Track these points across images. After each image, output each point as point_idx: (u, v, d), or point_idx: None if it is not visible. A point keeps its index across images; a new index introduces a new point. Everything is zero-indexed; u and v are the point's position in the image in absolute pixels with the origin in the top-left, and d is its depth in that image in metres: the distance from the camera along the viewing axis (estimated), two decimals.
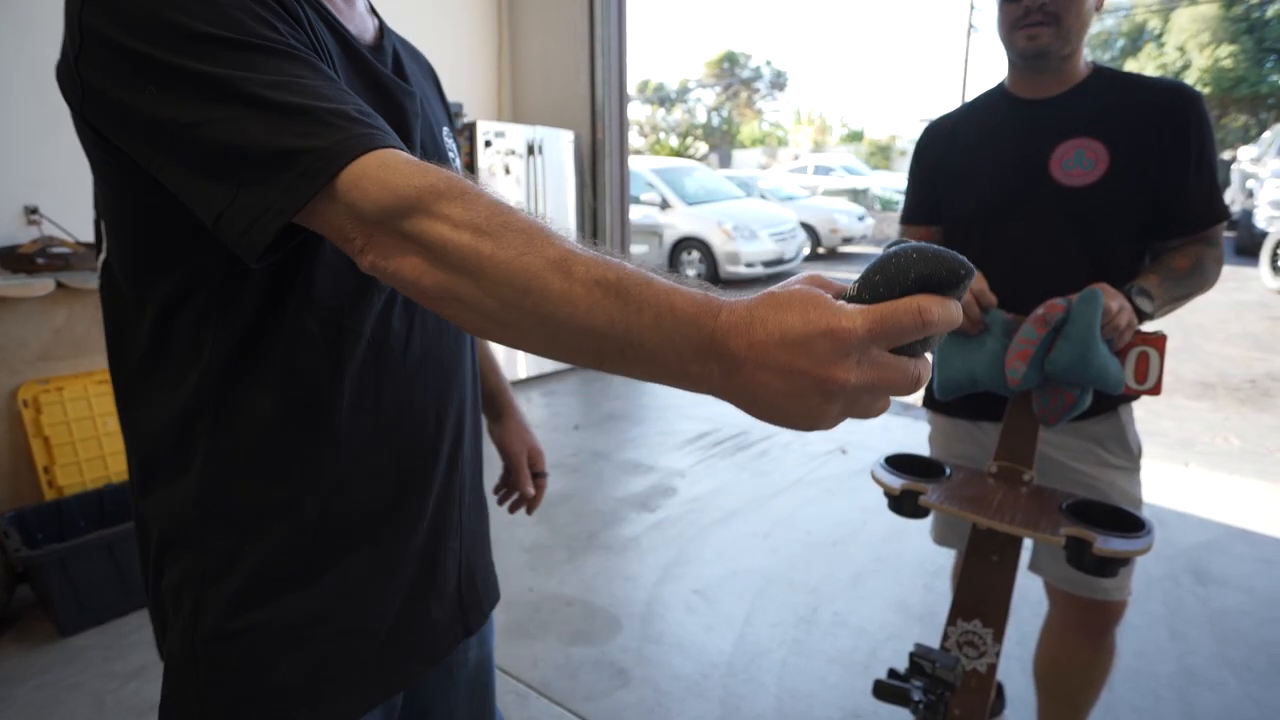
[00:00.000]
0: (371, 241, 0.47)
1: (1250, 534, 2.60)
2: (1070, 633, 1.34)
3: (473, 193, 0.46)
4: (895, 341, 0.38)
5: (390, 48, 0.71)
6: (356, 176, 0.46)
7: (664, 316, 0.40)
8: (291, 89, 0.48)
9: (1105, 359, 1.05)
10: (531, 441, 1.00)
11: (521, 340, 0.46)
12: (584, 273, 0.42)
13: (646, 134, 27.96)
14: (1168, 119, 1.15)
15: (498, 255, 0.43)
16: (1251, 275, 7.76)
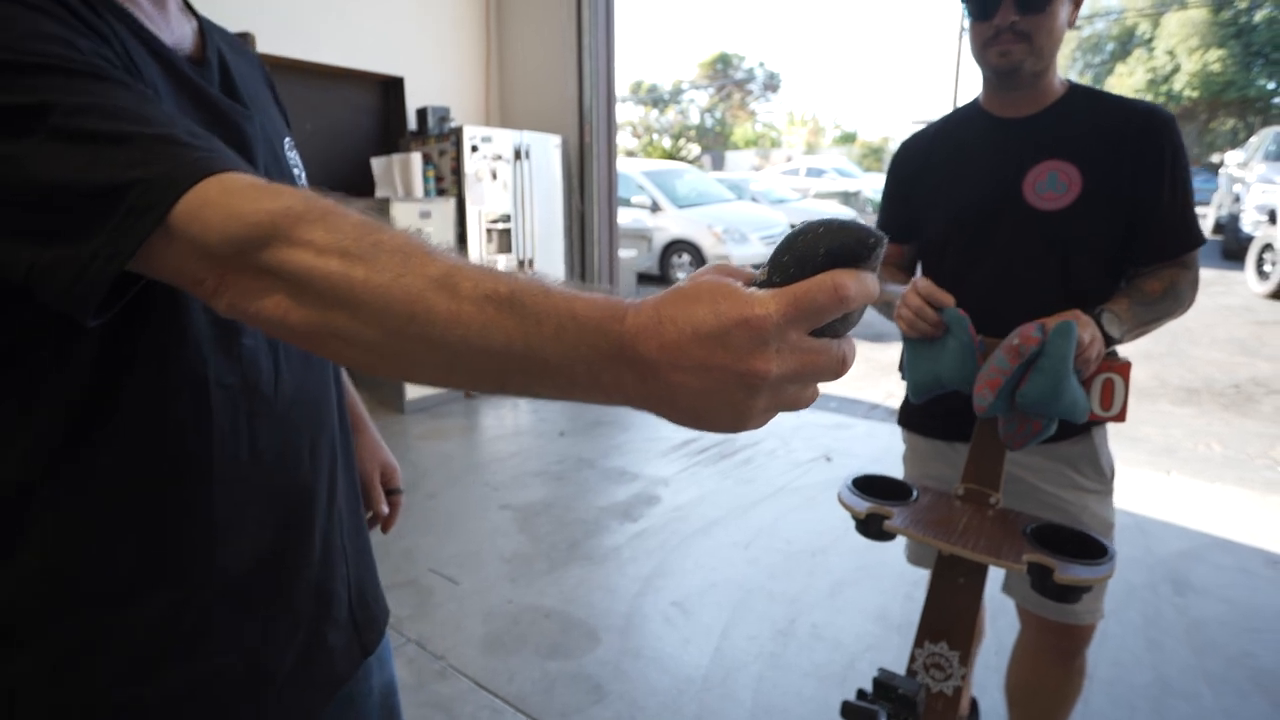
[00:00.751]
0: (225, 281, 0.41)
1: (1230, 543, 2.61)
2: (1041, 655, 1.34)
3: (336, 213, 0.41)
4: (815, 323, 0.35)
5: (215, 57, 0.64)
6: (196, 207, 0.40)
7: (566, 327, 0.37)
8: (105, 114, 0.42)
9: (1075, 391, 1.05)
10: (385, 458, 0.95)
11: (414, 371, 0.41)
12: (472, 289, 0.38)
13: (639, 135, 27.98)
14: (1142, 144, 1.14)
15: (372, 280, 0.39)
16: (1237, 279, 7.81)
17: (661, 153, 17.18)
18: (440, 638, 2.08)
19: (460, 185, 4.31)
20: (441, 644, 2.05)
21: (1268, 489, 3.20)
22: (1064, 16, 1.14)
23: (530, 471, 3.34)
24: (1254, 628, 2.10)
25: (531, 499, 3.03)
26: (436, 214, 4.18)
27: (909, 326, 1.17)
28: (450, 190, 4.36)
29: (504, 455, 3.59)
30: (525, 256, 4.67)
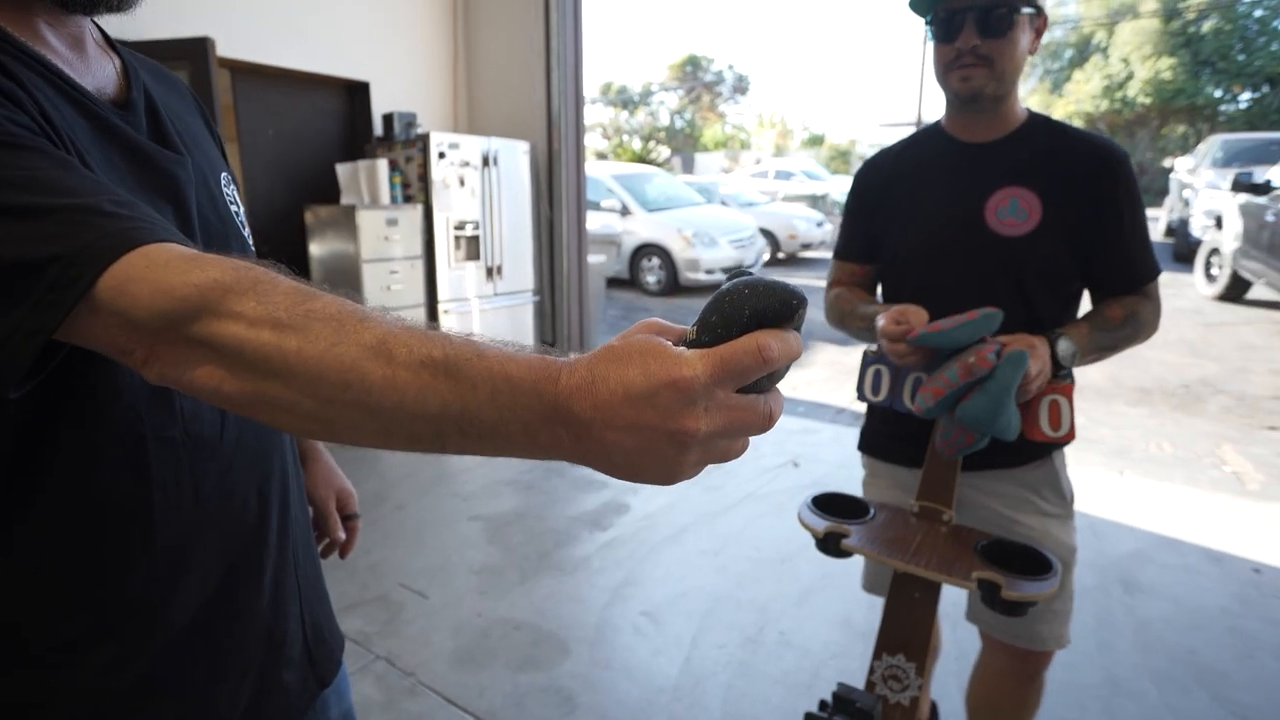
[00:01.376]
0: (155, 352, 0.41)
1: (1177, 542, 2.72)
2: (1003, 676, 1.36)
3: (266, 282, 0.41)
4: (740, 382, 0.37)
5: (141, 98, 0.62)
6: (121, 281, 0.40)
7: (501, 390, 0.38)
8: (21, 185, 0.42)
9: (1011, 414, 1.08)
10: (340, 483, 0.94)
11: (352, 435, 0.41)
12: (407, 355, 0.39)
13: (609, 136, 28.00)
14: (1097, 180, 1.17)
15: (305, 350, 0.39)
16: (1187, 282, 8.09)
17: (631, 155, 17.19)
18: (410, 653, 2.07)
19: (428, 192, 4.28)
20: (411, 660, 2.04)
21: (1213, 487, 3.33)
22: (1025, 43, 1.16)
23: (500, 481, 3.34)
24: (1197, 625, 2.20)
25: (501, 509, 3.03)
26: (403, 221, 4.15)
27: (899, 360, 1.17)
28: (417, 197, 4.33)
29: (473, 465, 3.58)
30: (493, 263, 4.65)
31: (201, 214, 0.62)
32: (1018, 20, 1.13)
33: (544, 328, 5.10)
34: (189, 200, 0.61)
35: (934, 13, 1.17)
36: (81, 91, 0.55)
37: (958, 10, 1.14)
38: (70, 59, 0.57)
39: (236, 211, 0.69)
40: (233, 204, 0.69)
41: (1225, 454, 3.78)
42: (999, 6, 1.12)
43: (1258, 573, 2.49)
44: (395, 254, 4.12)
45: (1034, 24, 1.18)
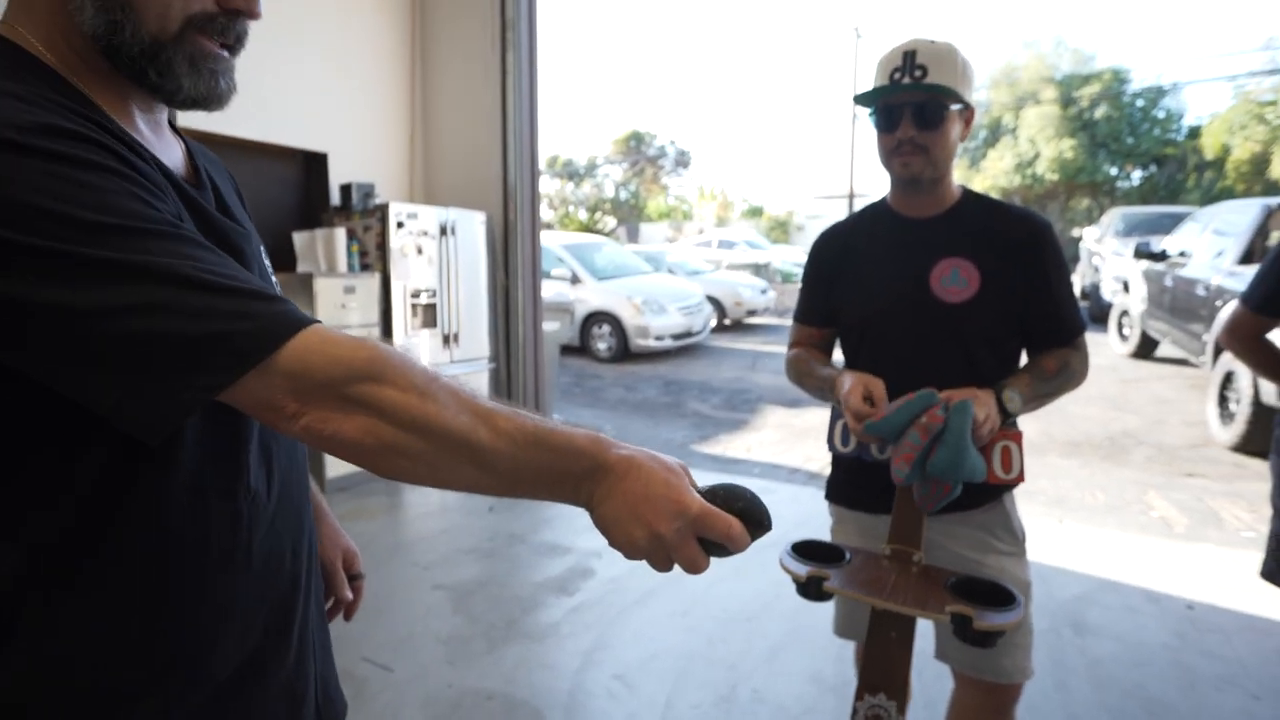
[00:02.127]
0: (307, 408, 0.50)
1: (1118, 584, 2.87)
2: (975, 713, 1.43)
3: (404, 359, 0.53)
4: (705, 534, 0.55)
5: (207, 179, 0.69)
6: (301, 352, 0.50)
7: (567, 456, 0.55)
8: (201, 268, 0.49)
9: (975, 459, 1.19)
10: (346, 543, 0.97)
11: (452, 481, 0.55)
12: (506, 425, 0.54)
13: (556, 207, 28.61)
14: (1026, 247, 1.32)
15: (442, 415, 0.52)
16: (1103, 341, 8.68)
17: (579, 225, 17.64)
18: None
19: (385, 261, 4.32)
20: None
21: (1144, 531, 3.54)
22: (956, 133, 1.32)
23: (461, 549, 3.28)
24: (1142, 661, 2.31)
25: (464, 577, 2.98)
26: (361, 289, 4.16)
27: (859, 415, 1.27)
28: (375, 265, 4.36)
29: (432, 533, 3.51)
30: (450, 331, 4.68)
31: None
32: (948, 114, 1.29)
33: (499, 395, 5.10)
34: (253, 271, 0.66)
35: (876, 106, 1.32)
36: (171, 172, 0.61)
37: (896, 105, 1.29)
38: (153, 141, 0.63)
39: (274, 282, 0.75)
40: (272, 274, 0.76)
41: (1152, 500, 4.03)
42: (931, 102, 1.27)
43: (1191, 609, 2.65)
44: (352, 321, 4.11)
45: (963, 116, 1.34)
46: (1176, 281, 6.34)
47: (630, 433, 5.62)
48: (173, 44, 0.58)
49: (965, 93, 1.30)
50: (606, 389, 7.27)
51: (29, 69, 0.56)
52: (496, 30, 4.80)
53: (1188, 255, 6.40)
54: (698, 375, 7.85)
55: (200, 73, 0.60)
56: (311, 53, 4.34)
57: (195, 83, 0.60)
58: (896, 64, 1.28)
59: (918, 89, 1.26)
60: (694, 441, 5.40)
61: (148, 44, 0.57)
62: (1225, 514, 3.78)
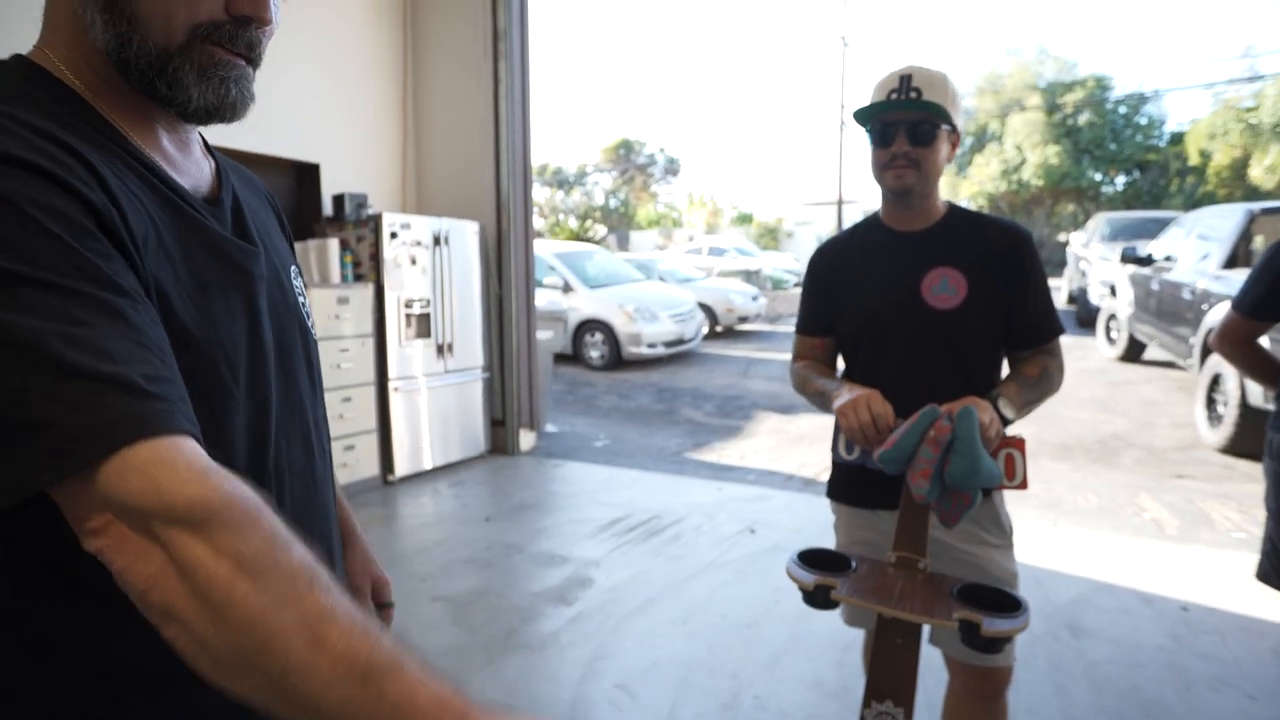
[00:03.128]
0: (110, 530, 0.43)
1: (1112, 586, 2.90)
2: (968, 700, 1.48)
3: (251, 520, 0.44)
4: None
5: (229, 197, 0.68)
6: (121, 468, 0.42)
7: (402, 710, 0.40)
8: (70, 341, 0.43)
9: (989, 463, 1.22)
10: (376, 572, 0.95)
11: (238, 687, 0.42)
12: (335, 643, 0.41)
13: (546, 215, 28.62)
14: (1008, 256, 1.40)
15: (250, 599, 0.41)
16: (1091, 345, 8.77)
17: (569, 233, 17.65)
18: None
19: (379, 271, 4.31)
20: None
21: (1136, 533, 3.58)
22: (944, 152, 1.40)
23: (458, 560, 3.27)
24: (1138, 662, 2.34)
25: (462, 589, 2.97)
26: (354, 299, 4.15)
27: (856, 436, 1.31)
28: (369, 276, 4.35)
29: (429, 544, 3.50)
30: (444, 341, 4.67)
31: (272, 303, 0.67)
32: (939, 133, 1.37)
33: (493, 404, 5.09)
34: (258, 290, 0.65)
35: (872, 123, 1.40)
36: (176, 190, 0.60)
37: (891, 123, 1.37)
38: (177, 160, 0.63)
39: (303, 302, 0.74)
40: (300, 295, 0.74)
41: (1143, 502, 4.07)
42: (925, 122, 1.35)
43: (1185, 610, 2.68)
44: (346, 332, 4.10)
45: (950, 138, 1.42)
46: (1163, 286, 6.42)
47: (624, 440, 5.62)
48: (180, 54, 0.57)
49: (955, 116, 1.38)
50: (600, 397, 7.27)
51: (48, 91, 0.56)
52: (488, 39, 4.82)
53: (1173, 260, 6.49)
54: (690, 382, 7.87)
55: (210, 81, 0.59)
56: (303, 63, 4.34)
57: (205, 93, 0.59)
58: (893, 85, 1.36)
59: (913, 107, 1.34)
60: (688, 449, 5.40)
61: (155, 55, 0.57)
62: (1216, 515, 3.82)
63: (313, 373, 0.74)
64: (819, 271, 1.58)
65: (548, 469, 4.80)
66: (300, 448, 0.69)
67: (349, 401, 4.13)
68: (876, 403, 1.29)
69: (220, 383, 0.58)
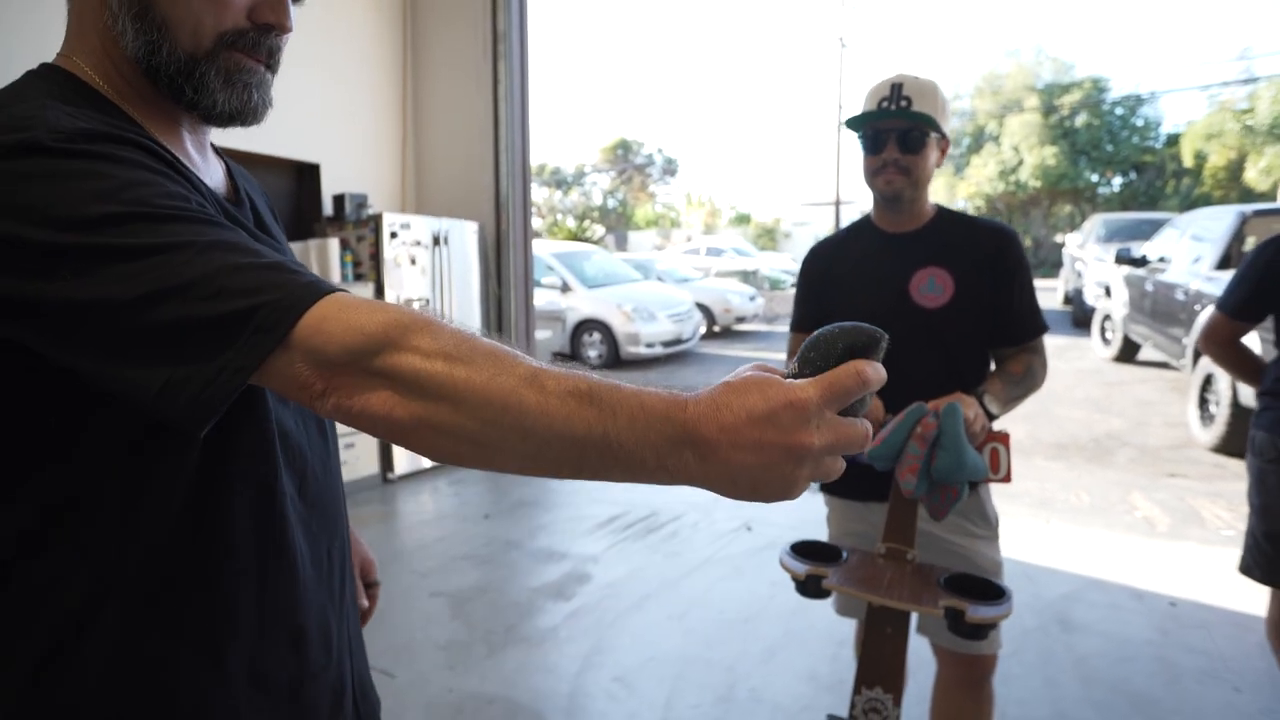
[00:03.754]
0: (333, 384, 0.47)
1: (1103, 582, 2.94)
2: (955, 687, 1.53)
3: (436, 323, 0.47)
4: (843, 403, 0.44)
5: (246, 197, 0.72)
6: (317, 321, 0.46)
7: (637, 416, 0.43)
8: (223, 248, 0.49)
9: (974, 457, 1.26)
10: (363, 552, 1.00)
11: (502, 459, 0.46)
12: (556, 385, 0.44)
13: (544, 215, 28.67)
14: (994, 256, 1.45)
15: (473, 379, 0.45)
16: (1087, 346, 8.82)
17: (567, 233, 17.69)
18: None
19: (379, 270, 4.35)
20: None
21: (1128, 531, 3.62)
22: (933, 159, 1.45)
23: (458, 556, 3.30)
24: (1127, 656, 2.38)
25: (462, 584, 3.00)
26: None
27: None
28: (369, 275, 4.38)
29: (429, 541, 3.53)
30: None
31: None
32: (928, 140, 1.42)
33: None
34: None
35: (864, 130, 1.44)
36: (210, 190, 0.64)
37: (883, 130, 1.42)
38: (198, 162, 0.67)
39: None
40: None
41: (1135, 500, 4.11)
42: (914, 129, 1.40)
43: (1174, 606, 2.72)
44: None
45: (939, 145, 1.46)
46: (1157, 286, 6.47)
47: None
48: (206, 60, 0.61)
49: (944, 124, 1.43)
50: None
51: (82, 95, 0.60)
52: (488, 41, 4.85)
53: (1167, 261, 6.54)
54: (688, 382, 7.86)
55: (234, 86, 0.63)
56: (304, 64, 4.36)
57: (229, 97, 0.63)
58: (885, 94, 1.41)
59: (903, 116, 1.38)
60: None
61: (183, 61, 0.60)
62: (1206, 513, 3.87)
63: None
64: (812, 271, 1.62)
65: None
66: (315, 430, 0.74)
67: None
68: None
69: None
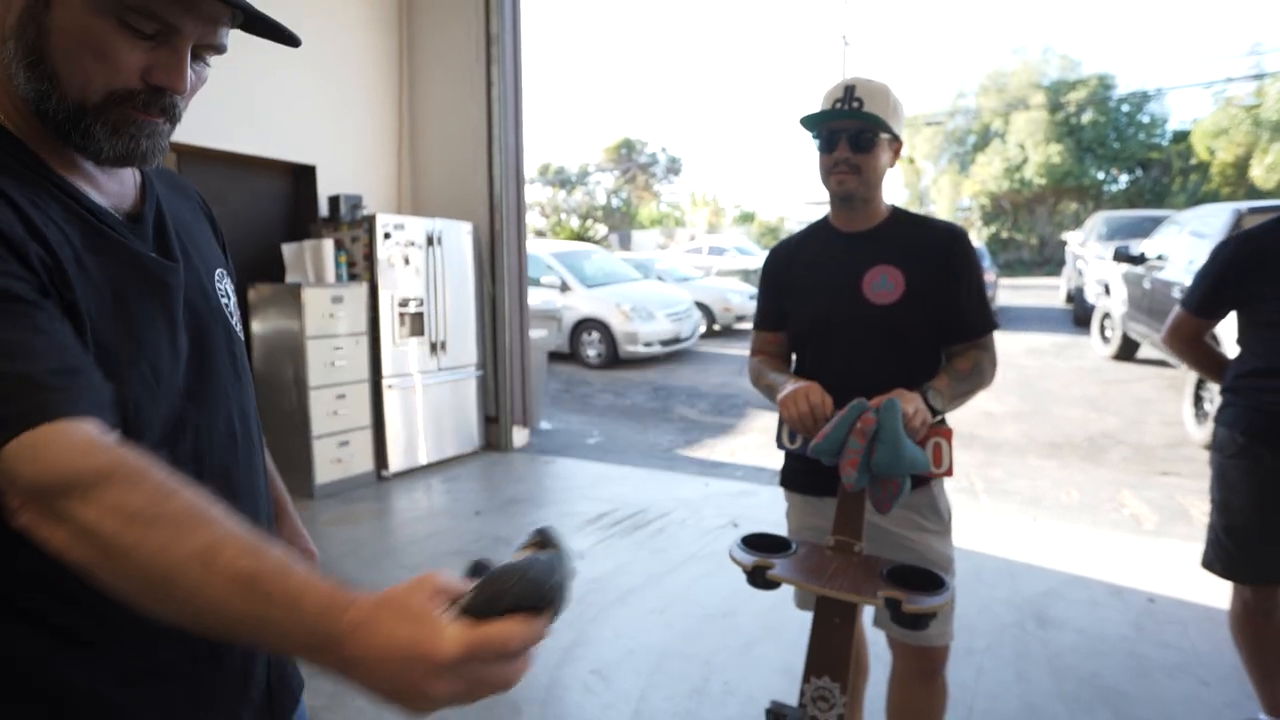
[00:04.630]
0: (26, 508, 0.51)
1: (1083, 579, 2.96)
2: (908, 678, 1.56)
3: (137, 477, 0.50)
4: (486, 661, 0.46)
5: (151, 212, 0.72)
6: (30, 446, 0.50)
7: (292, 614, 0.47)
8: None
9: (913, 450, 1.29)
10: (303, 544, 1.01)
11: (164, 615, 0.51)
12: (225, 565, 0.48)
13: (548, 215, 28.74)
14: (944, 254, 1.48)
15: (143, 546, 0.49)
16: (1086, 344, 8.80)
17: (570, 232, 17.73)
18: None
19: (373, 270, 4.40)
20: None
21: (1113, 528, 3.63)
22: (885, 160, 1.49)
23: (447, 552, 3.35)
24: (1100, 651, 2.40)
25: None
26: (349, 298, 4.24)
27: (797, 425, 1.39)
28: (363, 275, 4.44)
29: (419, 537, 3.58)
30: (437, 339, 4.76)
31: (193, 308, 0.73)
32: (879, 141, 1.45)
33: (487, 402, 5.18)
34: (175, 302, 0.70)
35: (818, 130, 1.48)
36: (97, 214, 0.66)
37: (836, 130, 1.45)
38: (101, 182, 0.69)
39: (226, 303, 0.80)
40: (224, 296, 0.80)
41: (1125, 498, 4.12)
42: (865, 130, 1.43)
43: (1152, 602, 2.74)
44: (340, 330, 4.18)
45: (892, 146, 1.50)
46: (1155, 284, 6.46)
47: (617, 437, 5.70)
48: (94, 112, 0.62)
49: (895, 126, 1.46)
50: (595, 395, 7.35)
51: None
52: (481, 44, 4.90)
53: (1165, 258, 6.52)
54: (686, 381, 7.94)
55: (120, 137, 0.64)
56: (300, 67, 4.42)
57: (115, 145, 0.64)
58: (838, 95, 1.45)
59: (854, 117, 1.42)
60: (679, 446, 5.48)
61: (71, 112, 0.62)
62: (1194, 510, 3.88)
63: (237, 366, 0.79)
64: (772, 270, 1.66)
65: (540, 465, 4.89)
66: (223, 432, 0.75)
67: (343, 399, 4.21)
68: (815, 394, 1.36)
69: (141, 381, 0.64)
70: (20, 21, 0.60)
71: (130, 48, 0.61)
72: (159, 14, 0.60)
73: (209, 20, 0.63)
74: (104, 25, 0.60)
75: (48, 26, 0.60)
